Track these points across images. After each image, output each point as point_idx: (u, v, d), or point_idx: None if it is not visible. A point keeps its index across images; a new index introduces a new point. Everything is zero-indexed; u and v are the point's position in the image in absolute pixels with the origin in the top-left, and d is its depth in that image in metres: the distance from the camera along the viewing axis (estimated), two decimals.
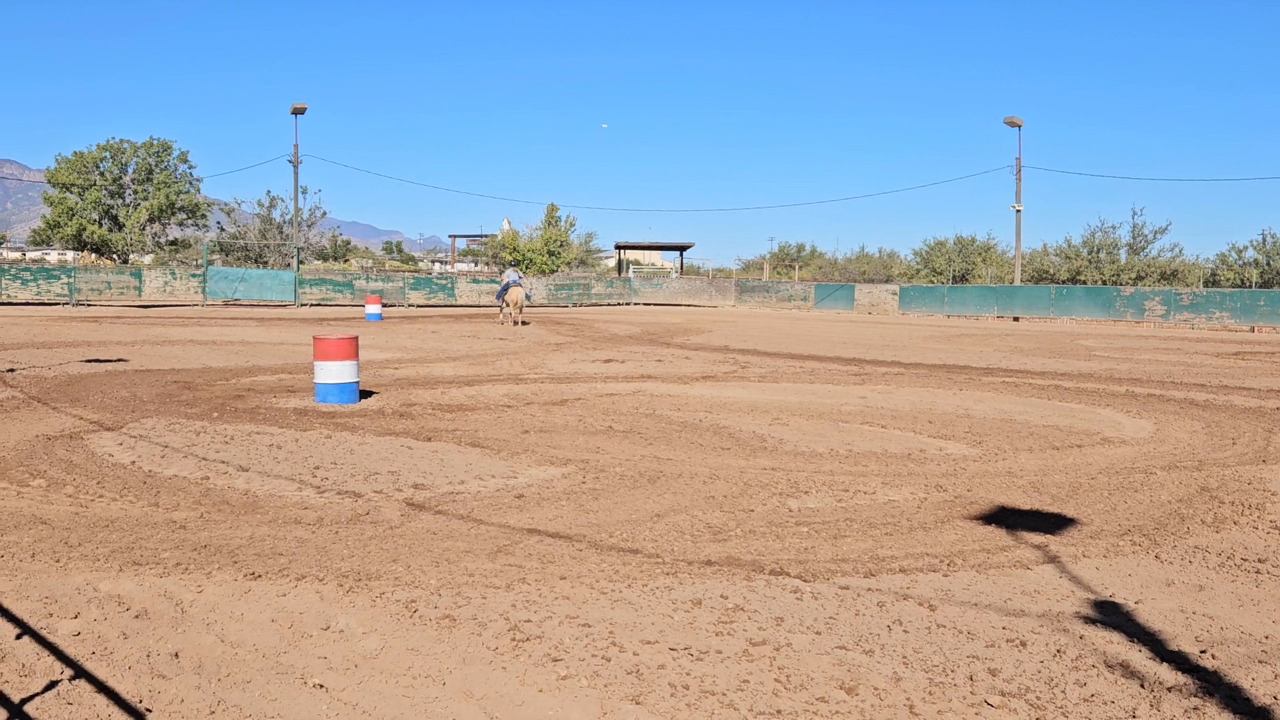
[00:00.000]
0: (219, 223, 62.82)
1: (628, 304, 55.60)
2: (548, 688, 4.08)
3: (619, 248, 70.05)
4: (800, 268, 76.67)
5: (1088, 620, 4.96)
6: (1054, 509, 7.35)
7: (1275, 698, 4.08)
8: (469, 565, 5.68)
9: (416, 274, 62.14)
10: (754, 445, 9.88)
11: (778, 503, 7.41)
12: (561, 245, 65.35)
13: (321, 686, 4.04)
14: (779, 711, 3.91)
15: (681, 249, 69.21)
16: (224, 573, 5.42)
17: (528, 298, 33.21)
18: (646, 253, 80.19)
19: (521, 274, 34.39)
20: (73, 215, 58.18)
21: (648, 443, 9.85)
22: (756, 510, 7.17)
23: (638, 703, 3.96)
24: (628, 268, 69.23)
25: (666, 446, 9.67)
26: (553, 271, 62.31)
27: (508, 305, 31.67)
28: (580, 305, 53.12)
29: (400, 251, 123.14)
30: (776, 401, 13.28)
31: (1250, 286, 47.55)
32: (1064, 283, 53.59)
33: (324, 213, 62.25)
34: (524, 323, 31.51)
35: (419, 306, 46.96)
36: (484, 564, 5.72)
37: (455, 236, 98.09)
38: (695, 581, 5.49)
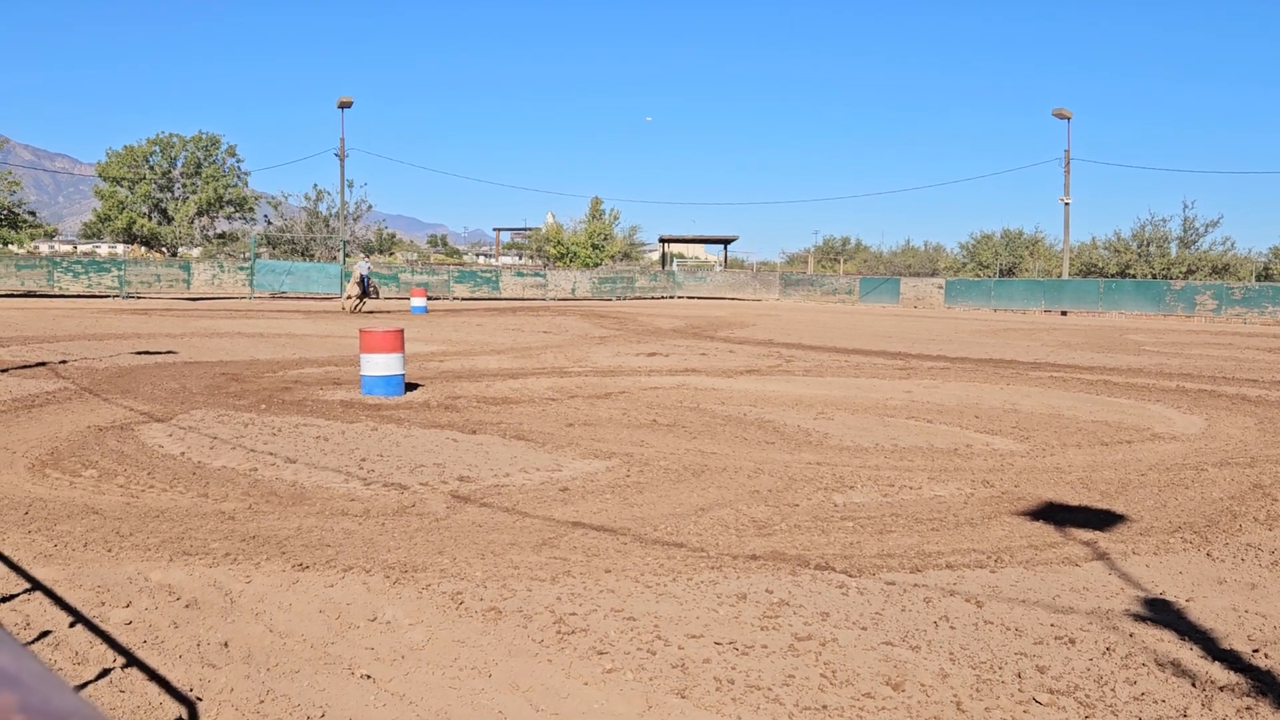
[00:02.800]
0: (266, 216, 63.41)
1: (671, 297, 55.58)
2: (593, 680, 4.09)
3: (663, 241, 69.99)
4: (845, 261, 76.24)
5: (1138, 618, 4.90)
6: (1103, 505, 7.26)
7: None
8: (514, 558, 5.70)
9: (461, 267, 62.43)
10: (798, 440, 9.83)
11: (823, 497, 7.37)
12: (605, 238, 65.41)
13: (369, 677, 4.08)
14: (825, 707, 3.89)
15: (725, 242, 69.01)
16: (272, 563, 5.48)
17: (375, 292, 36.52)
18: (690, 246, 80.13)
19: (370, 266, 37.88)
20: (123, 209, 58.95)
21: (692, 436, 9.83)
22: (801, 505, 7.14)
23: (683, 696, 3.95)
24: (671, 261, 69.19)
25: (710, 440, 9.65)
26: (596, 265, 62.40)
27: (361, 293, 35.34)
28: (624, 299, 53.14)
29: (445, 245, 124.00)
30: (821, 396, 13.22)
31: None
32: (1113, 276, 52.88)
33: (369, 206, 62.71)
34: (367, 312, 33.87)
35: (464, 300, 47.22)
36: (529, 557, 5.74)
37: (500, 230, 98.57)
38: (740, 576, 5.48)
